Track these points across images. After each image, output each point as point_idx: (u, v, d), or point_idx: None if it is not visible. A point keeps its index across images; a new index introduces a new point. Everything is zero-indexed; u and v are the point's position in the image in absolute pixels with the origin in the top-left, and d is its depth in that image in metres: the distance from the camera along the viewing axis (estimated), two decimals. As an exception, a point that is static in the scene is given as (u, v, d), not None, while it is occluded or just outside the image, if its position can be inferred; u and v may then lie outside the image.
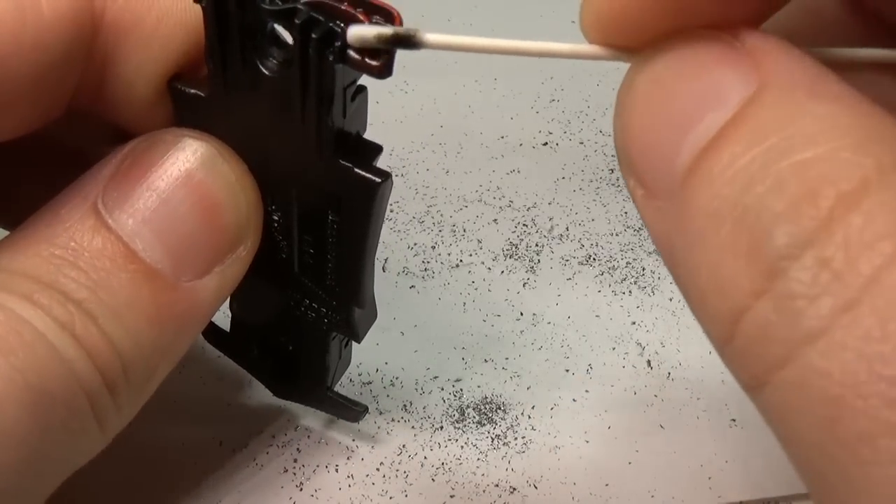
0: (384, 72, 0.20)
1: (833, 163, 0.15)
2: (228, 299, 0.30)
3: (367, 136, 0.24)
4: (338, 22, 0.20)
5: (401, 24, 0.19)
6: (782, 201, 0.15)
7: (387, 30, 0.18)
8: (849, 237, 0.14)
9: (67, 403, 0.21)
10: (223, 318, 0.31)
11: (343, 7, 0.20)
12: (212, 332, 0.31)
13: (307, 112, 0.22)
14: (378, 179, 0.23)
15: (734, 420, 0.33)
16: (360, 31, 0.19)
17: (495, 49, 0.18)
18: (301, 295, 0.27)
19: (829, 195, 0.14)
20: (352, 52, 0.20)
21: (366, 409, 0.31)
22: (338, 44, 0.20)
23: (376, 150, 0.24)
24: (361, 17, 0.20)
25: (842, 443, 0.14)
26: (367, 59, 0.20)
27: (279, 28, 0.21)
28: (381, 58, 0.19)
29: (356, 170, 0.23)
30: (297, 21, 0.20)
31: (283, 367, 0.31)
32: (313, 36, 0.20)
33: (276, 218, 0.26)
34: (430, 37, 0.18)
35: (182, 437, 0.32)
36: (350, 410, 0.30)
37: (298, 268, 0.27)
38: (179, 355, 0.24)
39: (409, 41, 0.18)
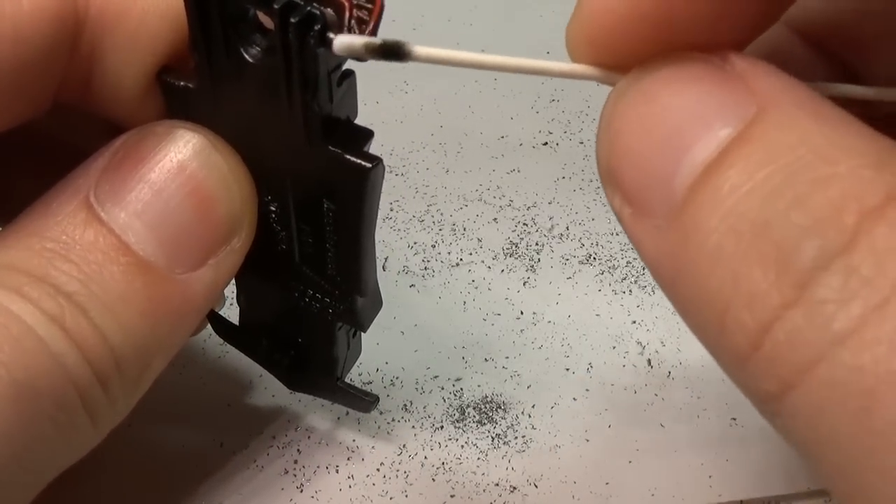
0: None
1: (855, 180, 0.15)
2: (235, 292, 0.30)
3: None
4: (316, 5, 0.20)
5: (382, 3, 0.19)
6: (807, 216, 0.15)
7: (375, 40, 0.18)
8: (875, 246, 0.15)
9: (55, 398, 0.21)
10: (232, 310, 0.31)
11: None
12: (221, 325, 0.31)
13: (293, 98, 0.22)
14: (368, 165, 0.23)
15: (734, 419, 0.33)
16: (348, 41, 0.19)
17: (483, 65, 0.18)
18: (304, 285, 0.27)
19: (854, 210, 0.15)
20: (332, 36, 0.20)
21: (377, 400, 0.30)
22: (318, 27, 0.20)
23: (367, 135, 0.24)
24: (342, 0, 0.19)
25: (875, 432, 0.14)
26: None
27: (262, 15, 0.21)
28: None
29: (346, 156, 0.23)
30: (275, 6, 0.20)
31: (293, 359, 0.31)
32: (292, 20, 0.20)
33: (273, 208, 0.26)
34: (419, 49, 0.18)
35: (182, 438, 0.32)
36: (361, 401, 0.30)
37: (299, 258, 0.27)
38: (175, 349, 0.24)
39: (397, 52, 0.18)
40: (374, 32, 0.19)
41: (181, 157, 0.23)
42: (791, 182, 0.16)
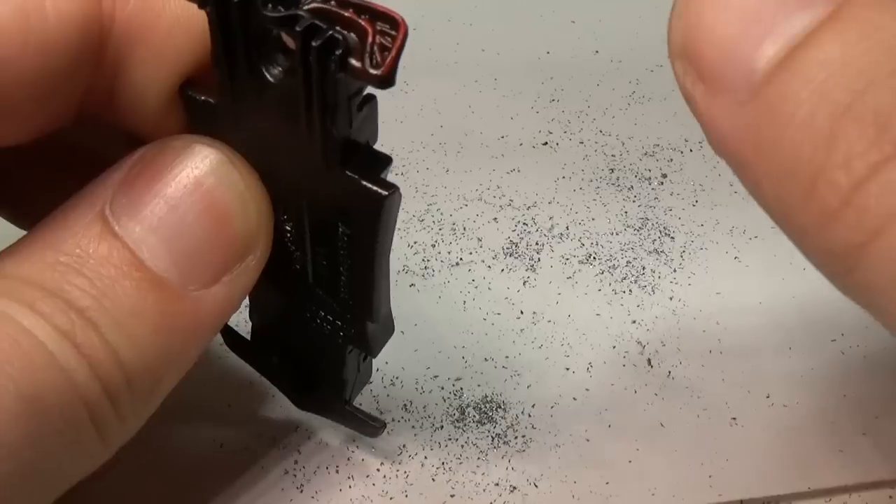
0: (386, 81, 0.19)
1: None
2: (248, 307, 0.30)
3: None
4: (339, 29, 0.20)
5: (406, 31, 0.19)
6: None
7: None
8: None
9: (64, 413, 0.20)
10: (240, 317, 0.31)
11: (347, 14, 0.19)
12: (233, 339, 0.31)
13: (312, 121, 0.22)
14: (384, 192, 0.22)
15: (734, 419, 0.33)
16: None
17: None
18: (316, 307, 0.27)
19: None
20: (353, 61, 0.20)
21: (384, 426, 0.30)
22: (339, 52, 0.20)
23: (385, 161, 0.23)
24: (364, 25, 0.19)
25: None
26: (368, 69, 0.19)
27: (285, 35, 0.21)
28: (382, 68, 0.19)
29: (362, 182, 0.23)
30: (297, 28, 0.20)
31: (303, 379, 0.30)
32: (314, 44, 0.20)
33: (288, 228, 0.25)
34: None
35: (182, 438, 0.32)
36: (368, 426, 0.30)
37: (313, 279, 0.26)
38: (187, 366, 0.24)
39: None
40: (395, 59, 0.19)
41: (198, 172, 0.23)
42: (889, 56, 0.16)
